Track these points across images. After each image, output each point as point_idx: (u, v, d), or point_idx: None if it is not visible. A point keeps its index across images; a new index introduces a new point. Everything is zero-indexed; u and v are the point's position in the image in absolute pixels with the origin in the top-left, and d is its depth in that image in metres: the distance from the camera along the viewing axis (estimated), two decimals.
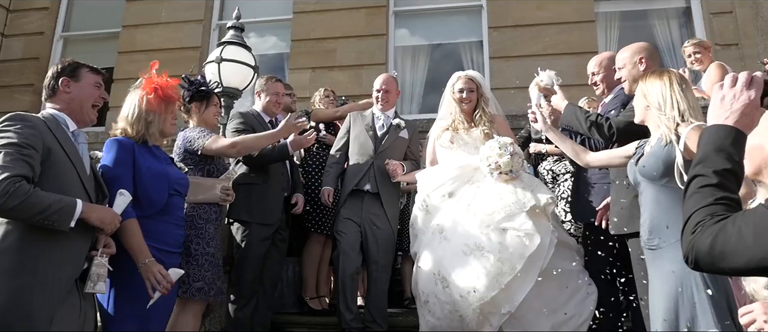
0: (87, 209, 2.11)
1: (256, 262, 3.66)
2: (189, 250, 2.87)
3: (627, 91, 3.10)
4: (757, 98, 1.19)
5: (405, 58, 7.29)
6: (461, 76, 3.64)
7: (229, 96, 4.56)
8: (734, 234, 1.04)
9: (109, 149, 2.51)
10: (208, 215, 3.04)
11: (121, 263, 2.28)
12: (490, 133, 3.45)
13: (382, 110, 4.02)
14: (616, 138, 2.88)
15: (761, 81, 1.20)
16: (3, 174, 1.94)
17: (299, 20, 7.30)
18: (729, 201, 1.13)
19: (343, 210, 3.83)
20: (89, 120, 2.43)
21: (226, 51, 4.49)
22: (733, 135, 1.18)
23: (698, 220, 1.12)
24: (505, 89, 6.58)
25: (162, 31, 7.57)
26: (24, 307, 1.91)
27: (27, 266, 1.98)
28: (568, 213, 3.92)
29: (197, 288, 2.84)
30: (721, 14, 6.49)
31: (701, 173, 1.17)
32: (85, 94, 2.37)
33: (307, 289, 4.23)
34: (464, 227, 3.20)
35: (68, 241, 2.09)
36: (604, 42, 6.84)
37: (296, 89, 6.57)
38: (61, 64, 2.40)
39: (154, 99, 2.60)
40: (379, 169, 3.83)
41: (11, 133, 2.07)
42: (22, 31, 7.94)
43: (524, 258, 3.00)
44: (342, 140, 4.05)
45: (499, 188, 3.22)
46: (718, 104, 1.23)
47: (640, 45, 3.11)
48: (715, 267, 1.09)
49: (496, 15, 6.91)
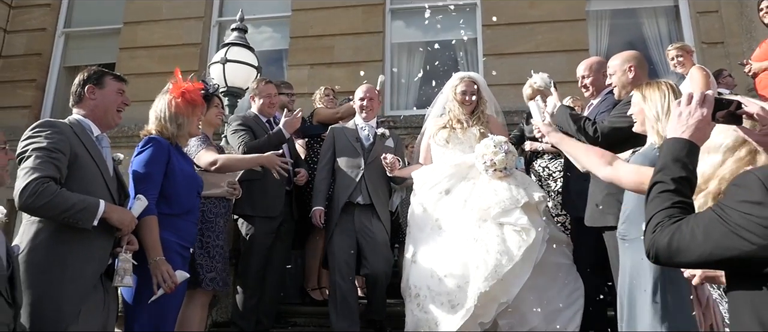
0: (109, 209, 2.30)
1: (261, 254, 3.82)
2: (201, 243, 3.07)
3: (616, 96, 3.30)
4: (708, 115, 1.37)
5: (401, 54, 7.44)
6: (464, 78, 3.74)
7: (233, 95, 4.73)
8: (688, 233, 1.22)
9: (146, 145, 2.67)
10: (218, 210, 3.24)
11: (142, 258, 2.47)
12: (486, 133, 3.58)
13: (365, 119, 4.05)
14: (601, 142, 3.05)
15: (712, 100, 1.39)
16: (32, 175, 2.13)
17: (298, 17, 7.43)
18: (684, 205, 1.30)
19: (337, 228, 3.81)
20: (114, 123, 2.63)
21: (230, 52, 4.65)
22: (688, 147, 1.36)
23: (658, 221, 1.29)
24: (499, 85, 6.75)
25: (163, 27, 7.68)
26: (55, 300, 2.10)
27: (57, 262, 2.17)
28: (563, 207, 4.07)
29: (210, 278, 3.04)
30: (707, 13, 6.67)
31: (661, 180, 1.35)
32: (109, 100, 2.56)
33: (310, 281, 4.42)
34: (461, 222, 3.32)
35: (94, 239, 2.28)
36: (595, 40, 7.03)
37: (295, 85, 6.76)
38: (87, 72, 2.58)
39: (182, 102, 2.77)
40: (370, 180, 3.85)
41: (41, 138, 2.26)
42: (24, 27, 8.04)
43: (521, 251, 3.10)
44: (327, 156, 4.04)
45: (494, 184, 3.34)
46: (676, 120, 1.41)
47: (630, 54, 3.33)
48: (673, 261, 1.27)
49: (489, 13, 7.02)
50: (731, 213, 1.16)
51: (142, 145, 2.66)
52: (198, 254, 3.02)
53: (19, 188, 2.11)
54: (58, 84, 8.02)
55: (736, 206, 1.15)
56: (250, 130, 3.88)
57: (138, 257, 2.43)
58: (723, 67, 5.81)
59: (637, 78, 3.15)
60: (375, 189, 3.84)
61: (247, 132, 3.86)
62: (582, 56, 6.52)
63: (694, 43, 6.66)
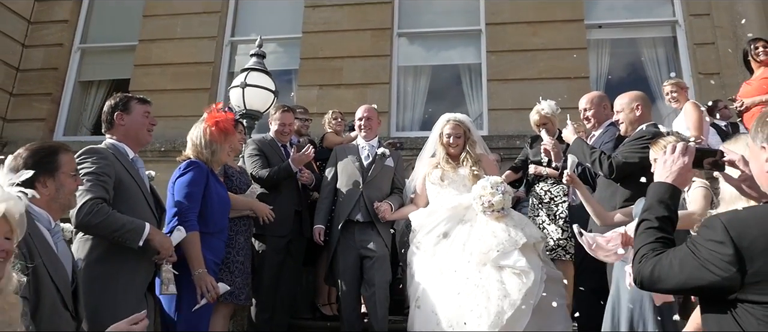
0: (152, 232, 2.53)
1: (272, 270, 4.03)
2: (224, 260, 3.27)
3: (623, 132, 3.60)
4: (689, 163, 1.61)
5: (407, 77, 7.66)
6: (450, 121, 3.83)
7: (251, 117, 4.96)
8: (667, 265, 1.44)
9: (188, 168, 2.93)
10: (239, 228, 3.48)
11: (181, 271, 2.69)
12: (479, 172, 3.67)
13: (365, 138, 4.20)
14: (615, 174, 3.31)
15: (693, 150, 1.62)
16: (88, 196, 2.35)
17: (308, 39, 7.66)
18: (665, 240, 1.53)
19: (338, 246, 3.93)
20: (145, 143, 2.88)
21: (249, 77, 4.89)
22: (671, 191, 1.60)
23: (643, 253, 1.52)
24: (503, 110, 7.02)
25: (177, 46, 7.91)
26: (111, 309, 2.32)
27: (111, 274, 2.40)
28: (565, 231, 4.29)
29: (229, 292, 3.24)
30: (704, 45, 6.92)
31: (647, 218, 1.58)
32: (137, 123, 2.79)
33: (320, 296, 4.61)
34: (461, 268, 3.32)
35: (140, 254, 2.50)
36: (596, 68, 7.27)
37: (304, 105, 6.99)
38: (114, 99, 2.81)
39: (216, 130, 3.03)
40: (369, 198, 3.95)
41: (89, 163, 2.49)
42: (42, 42, 8.26)
43: (522, 294, 3.11)
44: (329, 175, 4.17)
45: (491, 226, 3.37)
46: (662, 166, 1.64)
47: (637, 94, 3.62)
48: (654, 287, 1.51)
49: (494, 40, 7.30)
50: (701, 249, 1.38)
51: (183, 168, 2.90)
52: (220, 271, 3.22)
53: (76, 208, 2.31)
54: (72, 98, 8.24)
55: (705, 244, 1.38)
56: (264, 155, 4.14)
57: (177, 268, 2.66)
58: (720, 99, 6.05)
59: (643, 115, 3.49)
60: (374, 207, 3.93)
61: (260, 157, 4.12)
62: (582, 83, 6.84)
63: (691, 73, 6.94)
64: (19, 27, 8.21)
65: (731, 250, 1.31)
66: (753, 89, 4.51)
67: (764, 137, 1.45)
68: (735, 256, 1.30)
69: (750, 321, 1.29)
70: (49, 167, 2.08)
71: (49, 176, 2.06)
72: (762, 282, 1.28)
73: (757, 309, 1.28)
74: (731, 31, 6.88)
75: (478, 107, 7.30)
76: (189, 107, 7.39)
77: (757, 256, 1.28)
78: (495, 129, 6.90)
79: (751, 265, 1.29)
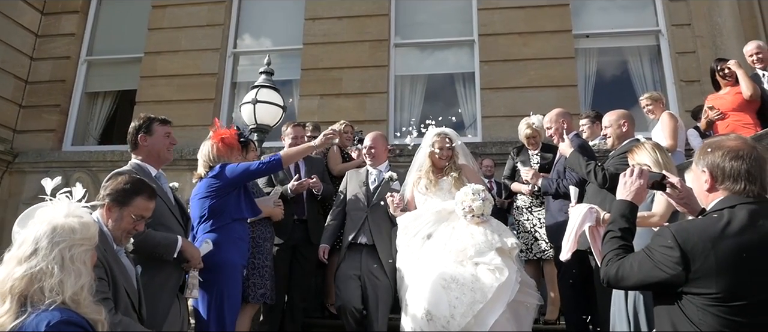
0: (184, 245, 2.85)
1: (279, 273, 4.27)
2: (253, 264, 3.68)
3: (610, 146, 4.09)
4: (644, 184, 2.01)
5: (404, 86, 8.00)
6: (439, 136, 4.05)
7: (261, 131, 5.28)
8: (628, 266, 1.82)
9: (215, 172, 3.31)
10: (265, 235, 3.90)
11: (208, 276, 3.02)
12: (460, 178, 3.94)
13: (372, 165, 4.38)
14: (609, 184, 3.66)
15: (647, 173, 2.00)
16: None
17: (309, 50, 7.98)
18: (626, 247, 1.92)
19: (343, 265, 4.09)
20: (167, 160, 3.17)
21: (260, 93, 5.22)
22: (630, 207, 2.00)
23: (609, 258, 1.90)
24: (495, 117, 7.37)
25: (181, 57, 8.21)
26: (150, 308, 2.62)
27: (148, 280, 2.70)
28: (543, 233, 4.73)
29: (260, 293, 3.60)
30: (685, 53, 7.31)
31: (612, 229, 1.97)
32: (159, 144, 3.11)
33: (329, 297, 4.93)
34: (441, 264, 3.50)
35: (173, 262, 2.83)
36: (583, 76, 7.64)
37: (306, 115, 7.33)
38: (137, 121, 3.11)
39: (222, 146, 3.35)
40: (374, 222, 4.11)
41: None
42: (49, 55, 8.54)
43: (494, 289, 3.30)
44: (339, 198, 4.37)
45: (471, 229, 3.59)
46: (623, 186, 2.05)
47: (623, 112, 4.08)
48: (619, 285, 1.89)
49: (486, 50, 7.64)
50: (655, 253, 1.75)
51: (214, 172, 3.29)
52: (251, 273, 3.59)
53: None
54: (80, 109, 8.53)
55: (658, 249, 1.75)
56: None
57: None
58: (701, 105, 6.41)
59: (628, 131, 3.99)
60: (378, 230, 4.10)
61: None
62: (571, 91, 7.22)
63: (674, 80, 7.34)
64: (27, 41, 8.48)
65: (678, 253, 1.67)
66: (727, 102, 4.87)
67: (705, 164, 1.81)
68: (681, 258, 1.66)
69: (691, 309, 1.66)
70: (123, 200, 2.34)
71: (117, 206, 2.33)
72: (701, 278, 1.64)
73: (697, 299, 1.65)
74: (711, 40, 7.28)
75: (472, 114, 7.65)
76: (194, 117, 7.73)
77: (697, 257, 1.65)
78: (488, 135, 7.24)
79: (693, 264, 1.64)
